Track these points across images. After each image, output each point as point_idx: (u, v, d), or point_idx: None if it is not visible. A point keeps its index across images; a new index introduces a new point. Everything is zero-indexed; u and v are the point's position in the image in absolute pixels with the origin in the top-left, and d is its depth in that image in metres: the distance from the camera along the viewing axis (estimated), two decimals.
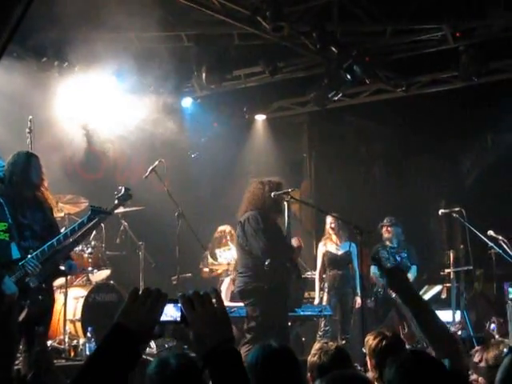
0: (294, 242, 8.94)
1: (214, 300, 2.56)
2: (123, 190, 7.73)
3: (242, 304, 9.53)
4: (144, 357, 8.44)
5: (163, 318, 2.55)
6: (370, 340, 4.80)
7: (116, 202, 7.67)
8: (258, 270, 8.39)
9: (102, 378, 2.37)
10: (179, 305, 2.56)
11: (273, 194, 8.53)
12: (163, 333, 2.73)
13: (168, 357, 3.46)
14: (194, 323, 2.51)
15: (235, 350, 2.50)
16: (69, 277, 8.68)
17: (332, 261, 10.96)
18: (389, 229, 11.44)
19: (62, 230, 7.06)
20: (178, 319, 2.58)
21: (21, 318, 6.85)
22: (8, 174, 6.99)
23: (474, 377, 5.17)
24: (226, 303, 10.25)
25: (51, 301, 7.22)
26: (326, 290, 10.85)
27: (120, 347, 2.41)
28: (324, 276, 11.00)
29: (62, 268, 7.22)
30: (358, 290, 10.53)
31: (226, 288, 10.64)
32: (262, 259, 8.36)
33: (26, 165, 7.10)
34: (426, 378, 2.92)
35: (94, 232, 9.25)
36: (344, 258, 10.90)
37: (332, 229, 10.98)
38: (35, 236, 7.02)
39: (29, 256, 6.51)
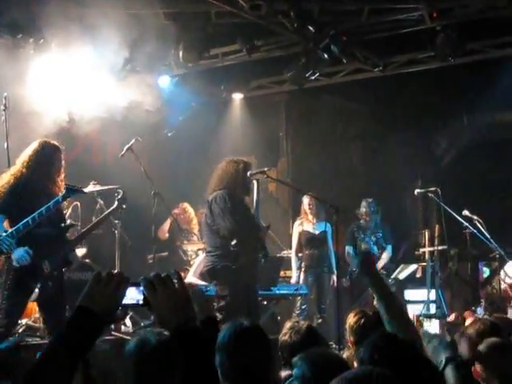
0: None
1: (175, 281, 2.59)
2: (122, 193, 8.19)
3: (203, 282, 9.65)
4: (120, 335, 8.50)
5: (126, 300, 2.59)
6: (351, 318, 4.85)
7: (116, 203, 8.18)
8: (225, 250, 8.42)
9: (65, 359, 2.41)
10: (141, 288, 2.59)
11: (249, 173, 8.54)
12: (126, 315, 2.77)
13: (147, 335, 3.49)
14: (156, 305, 2.54)
15: (197, 328, 2.54)
16: None
17: (309, 240, 11.01)
18: (366, 210, 11.54)
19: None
20: (141, 302, 2.62)
21: (32, 299, 7.12)
22: (33, 163, 7.26)
23: None
24: (192, 279, 10.29)
25: (60, 289, 7.43)
26: (303, 269, 10.91)
27: (83, 329, 2.44)
28: (300, 255, 11.05)
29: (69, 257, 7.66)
30: (334, 269, 10.60)
31: (197, 265, 10.66)
32: (229, 239, 8.39)
33: (50, 157, 7.41)
34: (397, 359, 2.96)
35: (70, 211, 9.25)
36: (320, 237, 10.96)
37: (309, 208, 11.02)
38: (51, 223, 7.31)
39: (3, 234, 6.61)
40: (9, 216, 7.09)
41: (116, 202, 8.15)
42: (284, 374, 4.34)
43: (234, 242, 8.31)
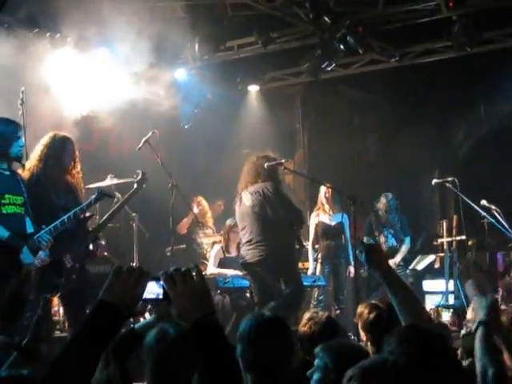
0: None
1: (194, 275, 2.60)
2: (140, 173, 8.13)
3: (232, 272, 9.71)
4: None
5: (146, 295, 2.60)
6: (365, 314, 4.75)
7: (135, 186, 8.11)
8: (276, 241, 8.53)
9: (86, 352, 2.44)
10: (161, 282, 2.60)
11: (266, 164, 8.56)
12: (145, 310, 2.78)
13: (166, 326, 3.51)
14: (176, 300, 2.56)
15: (217, 323, 2.55)
16: None
17: (325, 231, 11.00)
18: (384, 202, 11.52)
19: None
20: (161, 296, 2.63)
21: (57, 295, 7.20)
22: (44, 157, 7.32)
23: None
24: (214, 270, 10.35)
25: (84, 280, 7.51)
26: (320, 260, 10.91)
27: (103, 323, 2.46)
28: (317, 246, 11.05)
29: (91, 248, 7.70)
30: (352, 260, 10.58)
31: (215, 255, 10.70)
32: (296, 228, 8.79)
33: (61, 149, 7.42)
34: (428, 351, 2.93)
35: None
36: (337, 228, 10.95)
37: (326, 199, 11.00)
38: (69, 217, 7.25)
39: (42, 231, 6.67)
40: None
41: (135, 185, 8.11)
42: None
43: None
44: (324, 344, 3.55)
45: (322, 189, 10.97)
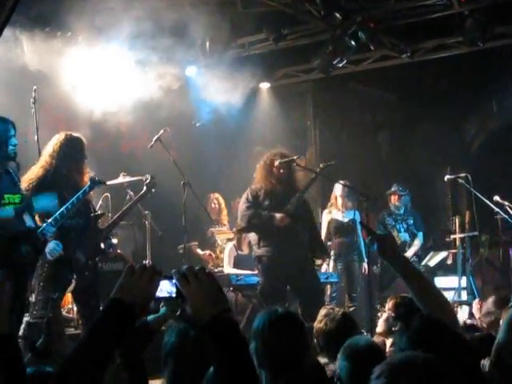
0: None
1: (207, 273, 2.60)
2: (149, 177, 8.27)
3: (246, 272, 9.72)
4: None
5: (159, 293, 2.60)
6: (392, 307, 4.71)
7: (144, 188, 8.28)
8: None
9: (98, 351, 2.44)
10: (174, 280, 2.60)
11: (278, 161, 8.54)
12: (159, 308, 2.78)
13: (186, 327, 3.51)
14: (190, 297, 2.55)
15: (232, 320, 2.54)
16: None
17: (338, 228, 11.00)
18: (396, 196, 11.47)
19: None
20: (174, 295, 2.62)
21: (69, 290, 7.25)
22: (57, 155, 7.37)
23: None
24: (231, 270, 10.34)
25: (96, 277, 7.60)
26: (333, 257, 10.91)
27: (116, 322, 2.47)
28: (329, 243, 11.04)
29: (102, 246, 7.73)
30: (365, 257, 10.57)
31: (229, 254, 10.70)
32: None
33: (74, 148, 7.49)
34: (439, 344, 2.92)
35: (100, 201, 9.31)
36: (350, 225, 10.95)
37: (341, 196, 11.00)
38: (80, 214, 7.43)
39: (44, 224, 6.74)
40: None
41: (144, 188, 8.22)
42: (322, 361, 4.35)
43: None
44: (348, 343, 3.55)
45: (338, 186, 10.94)
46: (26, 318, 7.38)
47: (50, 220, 6.84)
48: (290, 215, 8.61)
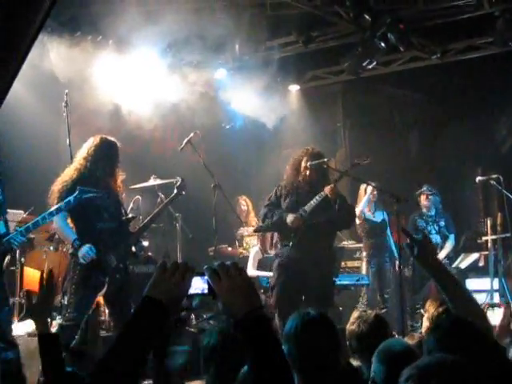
0: None
1: (239, 270, 2.60)
2: (180, 180, 8.26)
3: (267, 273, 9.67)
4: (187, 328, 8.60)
5: (191, 290, 2.61)
6: (432, 308, 4.69)
7: (175, 191, 8.25)
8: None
9: (134, 350, 2.45)
10: (206, 277, 2.60)
11: (309, 163, 8.51)
12: (191, 305, 2.78)
13: (225, 328, 3.52)
14: (221, 294, 2.55)
15: (265, 316, 2.54)
16: None
17: (370, 229, 11.01)
18: (427, 197, 11.40)
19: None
20: (206, 291, 2.63)
21: (101, 293, 7.26)
22: (94, 157, 7.36)
23: None
24: (253, 272, 10.34)
25: (127, 280, 7.58)
26: (366, 258, 10.90)
27: (150, 320, 2.48)
28: (361, 245, 11.04)
29: (134, 249, 7.73)
30: (397, 257, 10.53)
31: (253, 257, 10.69)
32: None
33: (108, 152, 7.48)
34: (468, 345, 2.91)
35: (131, 204, 9.37)
36: (382, 226, 10.94)
37: (371, 197, 11.02)
38: (112, 218, 7.45)
39: (14, 232, 6.64)
40: (71, 212, 7.18)
41: (175, 190, 8.23)
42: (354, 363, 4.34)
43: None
44: (381, 347, 3.54)
45: (368, 187, 10.93)
46: (58, 321, 7.48)
47: (21, 228, 6.68)
48: (303, 218, 8.28)
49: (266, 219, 8.45)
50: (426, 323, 4.79)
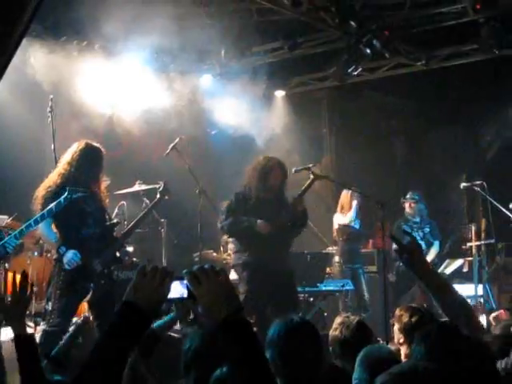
0: None
1: (218, 273, 2.59)
2: (163, 184, 8.22)
3: None
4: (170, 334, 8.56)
5: (170, 295, 2.60)
6: (405, 317, 4.68)
7: (158, 195, 8.21)
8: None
9: (114, 354, 2.46)
10: (185, 281, 2.60)
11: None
12: (170, 310, 2.78)
13: (207, 331, 3.52)
14: (201, 298, 2.55)
15: (245, 319, 2.54)
16: None
17: (348, 234, 11.14)
18: (412, 204, 11.45)
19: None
20: (185, 295, 2.62)
21: (86, 299, 7.23)
22: (78, 162, 7.33)
23: None
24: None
25: (112, 285, 7.54)
26: (337, 264, 11.03)
27: (129, 324, 2.48)
28: (334, 248, 11.20)
29: (118, 255, 7.77)
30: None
31: None
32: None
33: (93, 158, 7.46)
34: (457, 355, 2.89)
35: (116, 210, 9.34)
36: (359, 233, 11.11)
37: (353, 203, 11.11)
38: (97, 223, 7.44)
39: (8, 236, 6.61)
40: (56, 218, 7.15)
41: (158, 195, 8.20)
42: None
43: None
44: (364, 353, 3.55)
45: (350, 193, 11.01)
46: (42, 327, 7.44)
47: (14, 232, 6.64)
48: (277, 226, 8.27)
49: (233, 227, 8.44)
50: (398, 335, 4.72)
